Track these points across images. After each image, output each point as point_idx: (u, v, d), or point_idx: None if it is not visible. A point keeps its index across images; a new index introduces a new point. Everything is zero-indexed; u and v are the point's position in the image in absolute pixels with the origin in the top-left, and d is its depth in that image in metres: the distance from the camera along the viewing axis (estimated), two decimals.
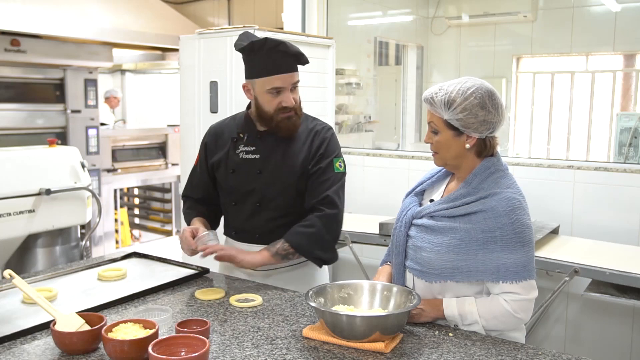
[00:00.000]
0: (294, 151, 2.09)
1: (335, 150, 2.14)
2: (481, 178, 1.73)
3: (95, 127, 5.81)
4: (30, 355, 1.49)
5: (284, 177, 2.07)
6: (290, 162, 2.08)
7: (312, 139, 2.11)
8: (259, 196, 2.09)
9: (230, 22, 7.40)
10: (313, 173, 2.08)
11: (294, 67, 2.02)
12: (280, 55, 1.98)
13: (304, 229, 2.04)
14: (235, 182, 2.12)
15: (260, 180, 2.09)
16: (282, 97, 2.02)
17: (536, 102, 6.05)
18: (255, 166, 2.10)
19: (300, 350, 1.51)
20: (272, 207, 2.10)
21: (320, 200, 2.05)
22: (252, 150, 2.11)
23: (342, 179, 2.13)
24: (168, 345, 1.40)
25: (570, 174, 3.18)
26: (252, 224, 2.13)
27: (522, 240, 1.66)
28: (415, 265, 1.77)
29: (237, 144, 2.14)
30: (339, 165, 2.12)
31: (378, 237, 3.14)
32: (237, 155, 2.13)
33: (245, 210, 2.13)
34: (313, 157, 2.09)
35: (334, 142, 2.14)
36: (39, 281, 2.07)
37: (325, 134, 2.13)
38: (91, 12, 5.50)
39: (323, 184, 2.07)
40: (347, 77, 4.86)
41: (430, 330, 1.67)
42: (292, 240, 2.02)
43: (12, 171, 2.94)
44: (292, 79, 2.02)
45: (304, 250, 2.03)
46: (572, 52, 5.62)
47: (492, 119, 1.70)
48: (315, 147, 2.10)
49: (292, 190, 2.09)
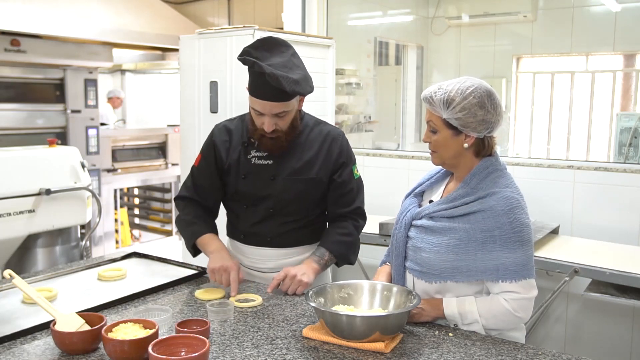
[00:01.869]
0: (309, 157, 2.07)
1: (353, 157, 2.17)
2: (479, 178, 1.73)
3: (95, 127, 5.81)
4: (30, 355, 1.49)
5: (299, 184, 2.06)
6: (306, 169, 2.06)
7: (330, 145, 2.09)
8: (273, 202, 2.07)
9: (230, 22, 7.40)
10: (339, 183, 2.09)
11: (277, 98, 1.89)
12: (262, 83, 1.87)
13: (344, 237, 2.09)
14: (248, 187, 2.08)
15: (274, 187, 2.05)
16: (262, 120, 1.96)
17: (536, 102, 6.05)
18: (269, 172, 2.06)
19: (300, 350, 1.51)
20: (286, 213, 2.09)
21: (353, 211, 2.12)
22: (265, 155, 2.07)
23: (362, 185, 2.19)
24: (168, 345, 1.40)
25: (570, 174, 3.18)
26: (264, 228, 2.11)
27: (521, 239, 1.66)
28: (415, 266, 1.77)
29: (249, 149, 2.09)
30: (357, 172, 2.17)
31: (378, 237, 3.14)
32: (249, 161, 2.08)
33: (258, 215, 2.09)
34: (335, 166, 2.09)
35: (350, 149, 2.16)
36: (39, 281, 2.07)
37: (342, 140, 2.13)
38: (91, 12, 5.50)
39: (349, 194, 2.11)
40: (347, 77, 4.86)
41: (430, 330, 1.67)
42: (335, 250, 2.08)
43: (12, 171, 2.94)
44: (272, 109, 1.92)
45: (344, 257, 2.12)
46: (572, 52, 5.62)
47: (491, 119, 1.70)
48: (335, 155, 2.09)
49: (307, 196, 2.09)
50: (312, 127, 2.12)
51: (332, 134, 2.12)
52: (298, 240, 2.15)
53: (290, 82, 1.86)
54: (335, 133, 2.13)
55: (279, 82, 1.84)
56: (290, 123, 2.00)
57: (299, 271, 1.96)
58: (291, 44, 2.02)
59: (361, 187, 2.17)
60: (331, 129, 2.14)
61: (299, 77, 1.91)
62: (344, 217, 2.12)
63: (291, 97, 1.92)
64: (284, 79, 1.84)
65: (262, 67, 1.84)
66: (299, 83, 1.90)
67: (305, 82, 1.94)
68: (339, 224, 2.12)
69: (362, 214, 2.16)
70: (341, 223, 2.12)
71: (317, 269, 2.02)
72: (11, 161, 2.96)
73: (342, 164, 2.09)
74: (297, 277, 1.93)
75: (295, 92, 1.89)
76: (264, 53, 1.91)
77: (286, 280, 1.93)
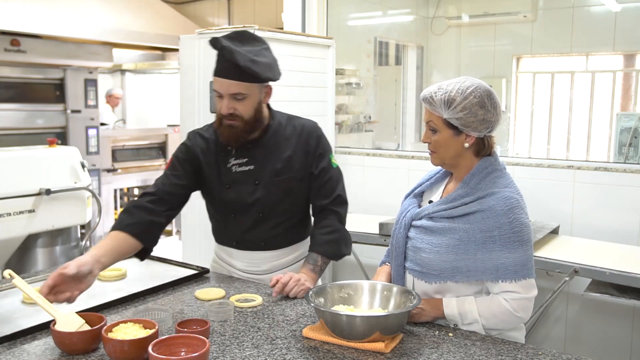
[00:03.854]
0: (288, 155, 2.05)
1: (329, 146, 2.16)
2: (479, 178, 1.73)
3: (95, 127, 5.81)
4: (30, 355, 1.49)
5: (284, 183, 2.04)
6: (287, 167, 2.04)
7: (306, 139, 2.08)
8: (261, 206, 2.05)
9: (230, 22, 7.41)
10: (318, 174, 2.07)
11: (234, 76, 1.87)
12: (223, 59, 1.88)
13: (330, 236, 2.06)
14: (233, 196, 2.04)
15: (260, 191, 2.03)
16: (222, 104, 1.92)
17: (536, 102, 6.05)
18: (252, 177, 2.03)
19: (300, 350, 1.51)
20: (276, 215, 2.08)
21: (332, 201, 2.09)
22: (245, 161, 2.04)
23: (341, 174, 2.16)
24: (168, 345, 1.40)
25: (570, 174, 3.18)
26: (256, 233, 2.09)
27: (521, 239, 1.66)
28: (414, 266, 1.77)
29: (227, 158, 2.05)
30: (334, 160, 2.15)
31: (378, 237, 3.14)
32: (230, 170, 2.04)
33: (248, 221, 2.07)
34: (314, 158, 2.07)
35: (326, 138, 2.15)
36: (39, 281, 2.07)
37: (317, 131, 2.11)
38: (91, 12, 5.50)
39: (328, 183, 2.09)
40: (347, 77, 4.86)
41: (430, 330, 1.67)
42: (326, 252, 2.06)
43: (12, 171, 2.94)
44: (229, 87, 1.89)
45: (336, 255, 2.09)
46: (572, 52, 5.62)
47: (491, 118, 1.70)
48: (312, 146, 2.08)
49: (294, 194, 2.08)
50: (285, 124, 2.08)
51: (307, 128, 2.10)
52: (291, 240, 2.15)
53: (247, 59, 1.84)
54: (310, 125, 2.11)
55: (233, 55, 1.82)
56: (252, 114, 1.95)
57: (302, 277, 1.95)
58: (291, 44, 2.01)
59: (340, 176, 2.15)
60: (305, 122, 2.12)
61: (260, 60, 1.88)
62: (327, 210, 2.09)
63: (247, 77, 1.87)
64: (238, 54, 1.83)
65: (221, 40, 1.84)
66: (256, 63, 1.86)
67: (267, 67, 1.90)
68: (323, 223, 2.09)
69: (343, 202, 2.13)
70: (324, 221, 2.09)
71: (315, 277, 2.02)
72: (11, 161, 2.96)
73: (319, 155, 2.08)
74: (300, 281, 1.93)
75: (251, 70, 1.85)
76: (236, 42, 1.90)
77: (291, 282, 1.91)
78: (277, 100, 2.11)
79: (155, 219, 1.94)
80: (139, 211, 1.93)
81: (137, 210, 1.93)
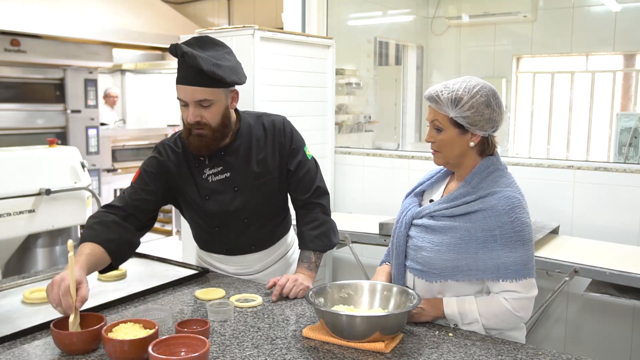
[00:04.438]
0: (263, 155, 2.02)
1: (302, 139, 2.13)
2: (481, 177, 1.73)
3: (95, 127, 5.82)
4: (30, 355, 1.49)
5: (263, 186, 2.03)
6: (264, 168, 2.02)
7: (278, 136, 2.05)
8: (245, 213, 2.02)
9: (230, 22, 7.41)
10: (295, 169, 2.06)
11: (199, 82, 1.81)
12: (185, 66, 1.81)
13: (318, 230, 2.07)
14: (214, 207, 2.00)
15: (240, 198, 2.00)
16: (187, 112, 1.86)
17: (536, 102, 6.05)
18: (230, 185, 1.99)
19: (300, 350, 1.51)
20: (261, 217, 2.07)
21: (313, 194, 2.09)
22: (220, 170, 1.99)
23: (317, 164, 2.15)
24: (168, 345, 1.40)
25: (570, 174, 3.18)
26: (244, 238, 2.08)
27: (522, 238, 1.66)
28: (415, 265, 1.77)
29: (201, 168, 1.99)
30: (309, 152, 2.13)
31: (378, 237, 3.14)
32: (206, 180, 1.99)
33: (234, 229, 2.05)
34: (289, 153, 2.06)
35: (297, 132, 2.12)
36: (39, 281, 2.07)
37: (288, 126, 2.08)
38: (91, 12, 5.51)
39: (306, 176, 2.08)
40: (347, 77, 4.86)
41: (430, 330, 1.67)
42: (317, 247, 2.06)
43: (12, 171, 2.94)
44: (194, 94, 1.82)
45: (328, 247, 2.10)
46: (572, 52, 5.62)
47: (496, 117, 1.71)
48: (285, 143, 2.05)
49: (274, 194, 2.07)
50: (254, 125, 2.04)
51: (277, 124, 2.07)
52: (279, 235, 2.17)
53: (210, 63, 1.79)
54: (279, 121, 2.08)
55: (196, 60, 1.76)
56: (219, 120, 1.89)
57: (299, 277, 1.96)
58: (291, 44, 1.99)
59: (317, 167, 2.14)
60: (274, 118, 2.09)
61: (224, 64, 1.83)
62: (309, 203, 2.09)
63: (212, 82, 1.82)
64: (202, 59, 1.77)
65: (181, 47, 1.79)
66: (220, 67, 1.81)
67: (231, 70, 1.85)
68: (308, 218, 2.09)
69: (324, 193, 2.12)
70: (309, 215, 2.09)
71: (312, 275, 2.03)
72: (11, 161, 2.96)
73: (293, 150, 2.07)
74: (298, 280, 1.93)
75: (215, 74, 1.79)
76: (196, 48, 1.85)
77: (288, 283, 1.91)
78: (277, 100, 2.11)
79: (133, 240, 1.90)
80: (118, 228, 1.85)
81: (115, 227, 1.84)
